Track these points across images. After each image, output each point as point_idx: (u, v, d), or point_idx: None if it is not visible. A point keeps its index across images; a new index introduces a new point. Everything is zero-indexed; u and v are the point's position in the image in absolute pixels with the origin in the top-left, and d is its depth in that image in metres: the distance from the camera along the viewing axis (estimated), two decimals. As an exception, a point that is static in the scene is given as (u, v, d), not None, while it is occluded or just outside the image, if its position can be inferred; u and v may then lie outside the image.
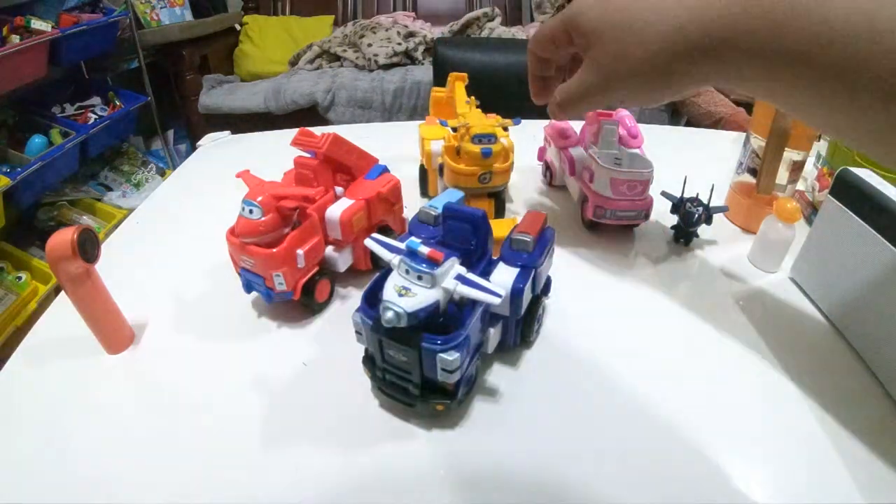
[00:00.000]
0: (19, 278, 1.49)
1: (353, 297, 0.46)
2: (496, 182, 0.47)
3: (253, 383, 0.38)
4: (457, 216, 0.34)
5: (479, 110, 0.52)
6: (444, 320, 0.32)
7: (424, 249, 0.29)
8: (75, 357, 0.40)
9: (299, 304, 0.43)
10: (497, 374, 0.38)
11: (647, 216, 0.51)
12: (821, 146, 0.60)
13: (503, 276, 0.35)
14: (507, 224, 0.47)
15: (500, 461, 0.33)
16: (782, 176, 0.52)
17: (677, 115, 2.12)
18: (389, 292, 0.29)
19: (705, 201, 0.50)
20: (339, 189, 0.46)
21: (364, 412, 0.36)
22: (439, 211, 0.35)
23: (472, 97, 0.55)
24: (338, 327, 0.43)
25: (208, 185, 0.65)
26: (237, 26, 2.23)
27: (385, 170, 0.49)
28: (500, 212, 0.52)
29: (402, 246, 0.31)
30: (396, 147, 0.57)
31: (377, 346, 0.32)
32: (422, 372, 0.32)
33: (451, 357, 0.30)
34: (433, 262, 0.29)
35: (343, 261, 0.46)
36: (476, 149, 0.45)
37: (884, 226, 0.37)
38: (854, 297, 0.41)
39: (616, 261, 0.50)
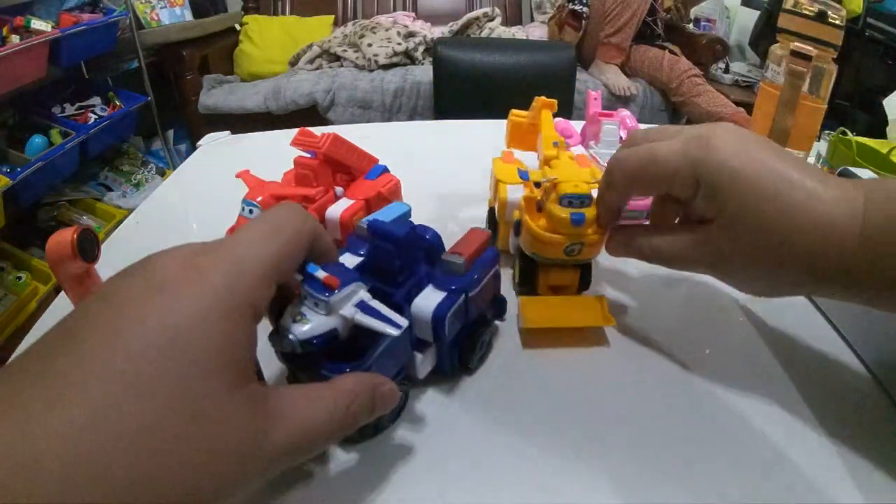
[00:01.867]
0: (19, 278, 1.49)
1: (353, 297, 0.46)
2: (587, 255, 0.38)
3: (253, 383, 0.38)
4: (379, 235, 0.31)
5: (570, 156, 0.41)
6: (359, 346, 0.29)
7: (321, 274, 0.28)
8: (75, 357, 0.40)
9: (299, 304, 0.43)
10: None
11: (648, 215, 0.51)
12: (821, 146, 0.60)
13: (427, 301, 0.32)
14: (591, 304, 0.39)
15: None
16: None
17: (677, 115, 2.13)
18: (286, 318, 0.28)
19: None
20: (339, 189, 0.46)
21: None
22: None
23: (560, 141, 0.42)
24: (338, 327, 0.43)
25: (208, 185, 0.65)
26: (237, 26, 2.23)
27: (385, 170, 0.49)
28: (585, 284, 0.41)
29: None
30: (396, 147, 0.56)
31: (289, 369, 0.31)
32: None
33: None
34: (329, 289, 0.27)
35: (343, 261, 0.46)
36: (564, 213, 0.35)
37: (884, 226, 0.37)
38: (854, 297, 0.41)
39: (615, 260, 0.50)
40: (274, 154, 0.50)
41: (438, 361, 0.35)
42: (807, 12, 0.46)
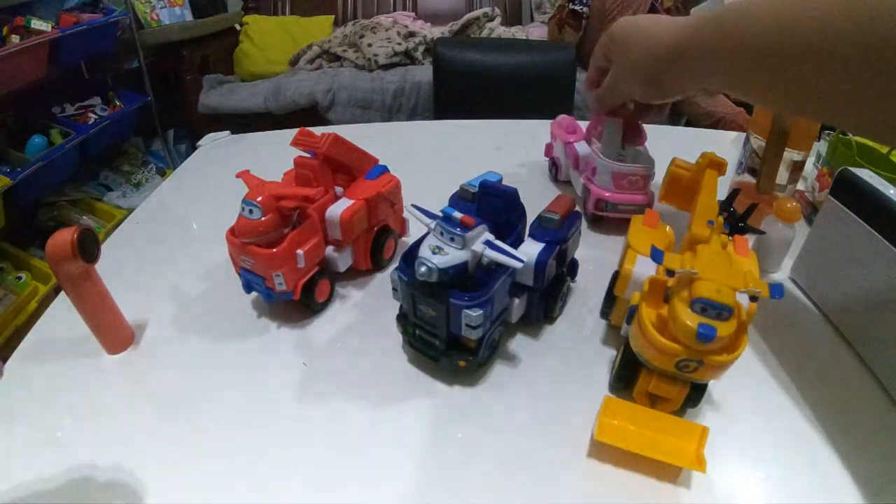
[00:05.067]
0: (19, 278, 1.49)
1: (353, 297, 0.46)
2: (702, 376, 0.31)
3: (253, 383, 0.38)
4: (491, 192, 0.37)
5: (727, 245, 0.34)
6: (472, 284, 0.34)
7: (458, 215, 0.33)
8: (75, 357, 0.40)
9: (299, 304, 0.43)
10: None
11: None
12: (821, 146, 0.60)
13: (530, 249, 0.37)
14: (687, 434, 0.32)
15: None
16: (782, 176, 0.52)
17: (677, 114, 2.12)
18: (424, 250, 0.33)
19: (732, 209, 0.46)
20: (339, 189, 0.46)
21: (366, 410, 0.36)
22: (476, 189, 0.39)
23: (722, 215, 0.36)
24: (338, 327, 0.43)
25: (208, 185, 0.65)
26: (237, 26, 2.22)
27: (385, 170, 0.49)
28: (691, 404, 0.34)
29: (439, 213, 0.35)
30: (396, 147, 0.56)
31: (410, 301, 0.36)
32: (448, 328, 0.35)
33: (475, 313, 0.33)
34: (465, 226, 0.33)
35: (343, 261, 0.46)
36: (691, 322, 0.28)
37: (884, 226, 0.37)
38: (854, 297, 0.41)
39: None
40: (274, 154, 0.50)
41: (528, 309, 0.40)
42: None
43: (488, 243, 0.33)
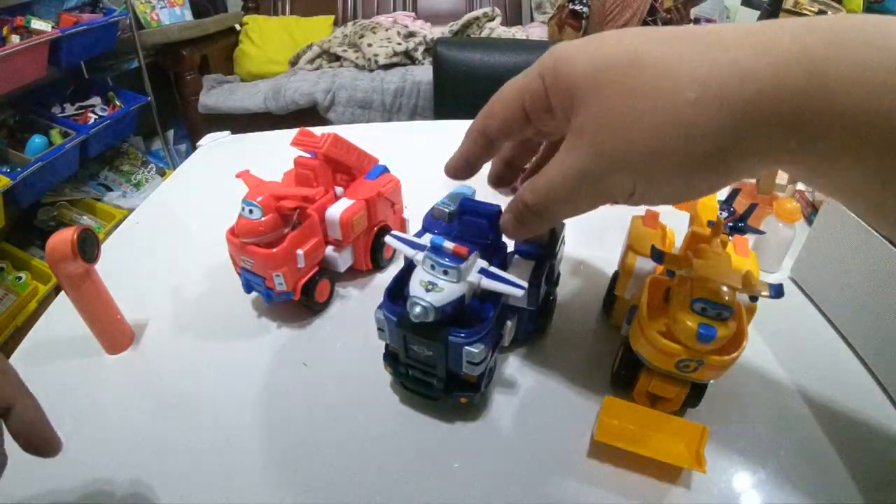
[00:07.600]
0: (19, 278, 1.49)
1: (352, 297, 0.46)
2: (702, 376, 0.31)
3: (253, 383, 0.38)
4: (473, 212, 0.34)
5: (727, 245, 0.33)
6: (464, 316, 0.32)
7: (449, 245, 0.29)
8: (75, 357, 0.40)
9: (299, 304, 0.43)
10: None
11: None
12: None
13: (521, 270, 0.35)
14: (687, 434, 0.32)
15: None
16: (782, 176, 0.52)
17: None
18: (416, 288, 0.29)
19: (732, 209, 0.46)
20: (339, 189, 0.46)
21: (365, 411, 0.36)
22: (453, 208, 0.35)
23: (721, 217, 0.36)
24: (338, 327, 0.43)
25: (208, 185, 0.65)
26: (237, 26, 2.22)
27: (385, 170, 0.49)
28: (691, 403, 0.34)
29: (424, 242, 0.32)
30: (396, 147, 0.56)
31: (401, 341, 0.32)
32: (446, 366, 0.32)
33: (478, 349, 0.30)
34: (459, 257, 0.29)
35: (343, 261, 0.46)
36: (692, 322, 0.28)
37: (884, 226, 0.37)
38: (854, 297, 0.41)
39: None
40: (274, 154, 0.50)
41: (517, 328, 0.38)
42: (807, 12, 0.46)
43: (484, 271, 0.30)
